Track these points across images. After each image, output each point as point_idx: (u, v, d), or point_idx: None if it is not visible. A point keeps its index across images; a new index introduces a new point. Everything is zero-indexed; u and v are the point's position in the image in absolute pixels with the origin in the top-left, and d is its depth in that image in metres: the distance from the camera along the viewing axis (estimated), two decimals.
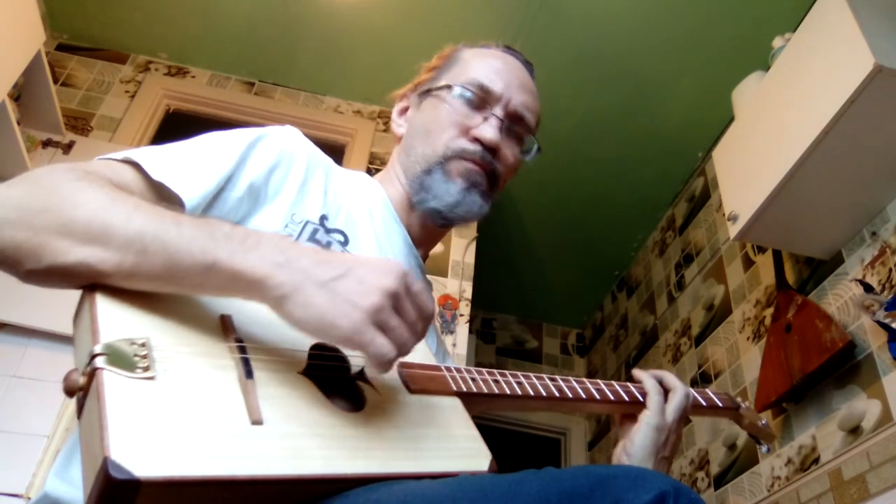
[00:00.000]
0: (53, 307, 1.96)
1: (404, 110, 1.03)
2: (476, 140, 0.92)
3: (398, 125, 1.02)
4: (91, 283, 0.58)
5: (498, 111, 0.93)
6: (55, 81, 2.58)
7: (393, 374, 0.69)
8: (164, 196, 0.71)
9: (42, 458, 1.91)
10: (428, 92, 0.98)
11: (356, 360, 0.67)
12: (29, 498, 1.86)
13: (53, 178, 0.61)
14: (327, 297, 0.56)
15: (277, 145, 0.84)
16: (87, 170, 0.65)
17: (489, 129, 0.91)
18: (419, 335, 0.60)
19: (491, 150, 0.92)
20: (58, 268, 0.57)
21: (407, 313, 0.58)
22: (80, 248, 0.56)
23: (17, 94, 2.32)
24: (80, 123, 2.65)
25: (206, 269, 0.56)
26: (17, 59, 2.07)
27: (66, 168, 0.63)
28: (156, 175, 0.71)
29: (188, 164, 0.75)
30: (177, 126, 2.85)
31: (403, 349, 0.58)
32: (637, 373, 0.93)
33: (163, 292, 0.59)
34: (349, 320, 0.55)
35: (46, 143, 2.49)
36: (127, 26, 2.82)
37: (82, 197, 0.59)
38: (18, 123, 2.18)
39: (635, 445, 0.86)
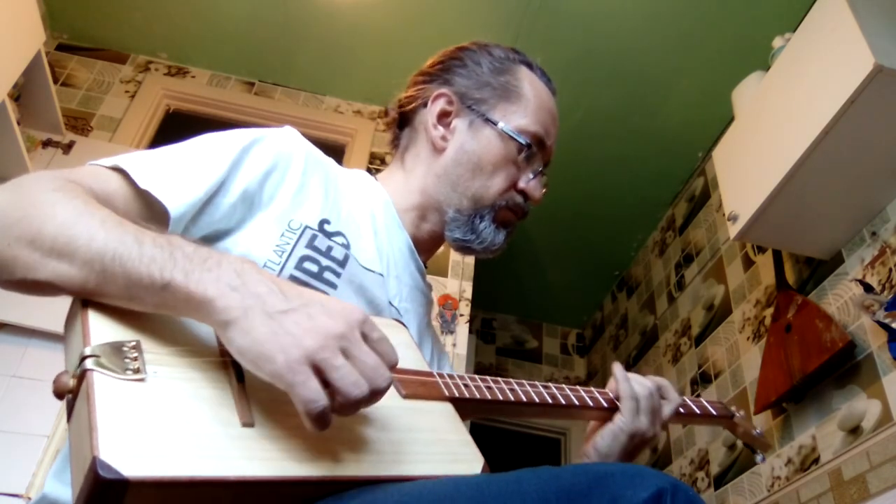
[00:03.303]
0: (53, 307, 1.95)
1: (446, 115, 0.96)
2: (523, 193, 0.96)
3: (440, 135, 0.96)
4: (65, 295, 0.59)
5: (542, 164, 0.98)
6: (55, 81, 2.58)
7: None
8: (150, 204, 0.71)
9: (42, 458, 1.91)
10: (484, 118, 0.95)
11: None
12: (29, 498, 1.86)
13: (35, 187, 0.62)
14: (271, 328, 0.52)
15: (274, 149, 0.82)
16: (70, 178, 0.65)
17: (539, 190, 0.96)
18: (372, 384, 0.53)
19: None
20: (29, 282, 0.58)
21: (358, 360, 0.53)
22: (47, 262, 0.57)
23: (17, 94, 2.32)
24: (80, 123, 2.65)
25: (161, 289, 0.55)
26: (17, 59, 2.07)
27: (50, 177, 0.64)
28: (142, 183, 0.70)
29: (177, 172, 0.73)
30: (177, 126, 2.84)
31: (346, 398, 0.52)
32: (617, 372, 0.89)
33: (132, 309, 0.58)
34: (285, 356, 0.51)
35: (46, 143, 2.49)
36: (127, 26, 2.82)
37: (51, 210, 0.59)
38: (18, 123, 2.18)
39: (604, 448, 0.85)
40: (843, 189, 1.86)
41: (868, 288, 1.78)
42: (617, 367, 0.90)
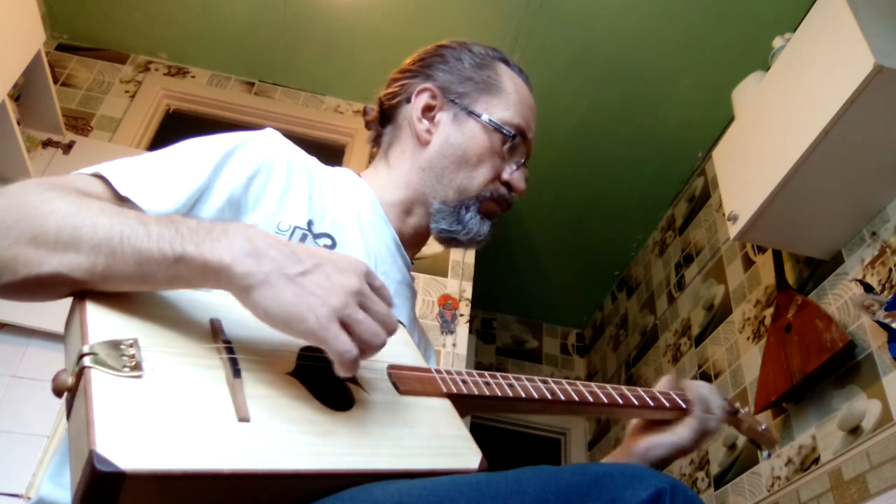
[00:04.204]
0: (53, 307, 1.95)
1: (429, 109, 0.98)
2: (507, 184, 0.97)
3: (426, 129, 0.97)
4: (68, 292, 0.59)
5: (524, 156, 0.98)
6: (55, 81, 2.58)
7: (382, 376, 0.69)
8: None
9: (42, 458, 1.91)
10: (467, 111, 0.96)
11: None
12: (29, 498, 1.86)
13: (23, 191, 0.62)
14: (295, 290, 0.56)
15: (257, 153, 0.82)
16: (56, 182, 0.66)
17: (522, 181, 0.98)
18: (388, 330, 0.59)
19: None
20: (33, 279, 0.58)
21: (373, 311, 0.59)
22: (53, 256, 0.57)
23: (17, 94, 2.32)
24: (80, 123, 2.66)
25: (175, 262, 0.56)
26: (17, 59, 2.07)
27: (37, 182, 0.64)
28: (122, 190, 0.70)
29: (158, 178, 0.74)
30: (177, 126, 2.85)
31: (369, 346, 0.58)
32: (683, 383, 0.92)
33: (141, 291, 0.60)
34: (315, 315, 0.55)
35: (46, 143, 2.49)
36: (127, 26, 2.82)
37: (49, 207, 0.60)
38: (18, 123, 2.18)
39: (654, 458, 0.88)
40: (843, 189, 1.86)
41: (868, 288, 1.78)
42: (718, 399, 0.92)
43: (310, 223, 0.83)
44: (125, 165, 0.74)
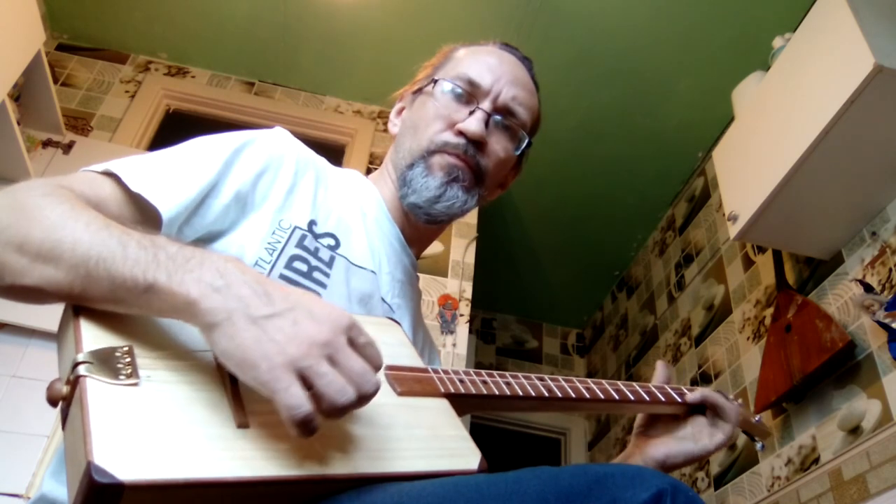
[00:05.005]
0: (53, 307, 1.96)
1: (401, 111, 1.02)
2: (460, 133, 0.89)
3: (393, 125, 1.01)
4: (54, 302, 0.58)
5: (485, 105, 0.91)
6: (55, 81, 2.58)
7: (380, 377, 0.69)
8: (142, 208, 0.71)
9: (42, 458, 1.91)
10: (420, 90, 0.98)
11: None
12: (29, 498, 1.86)
13: (25, 193, 0.62)
14: (255, 334, 0.52)
15: (266, 150, 0.82)
16: (61, 184, 0.65)
17: (473, 122, 0.89)
18: (362, 391, 0.53)
19: (476, 144, 0.90)
20: (18, 287, 0.58)
21: (344, 367, 0.53)
22: (34, 268, 0.57)
23: (17, 94, 2.32)
24: (80, 123, 2.65)
25: (145, 291, 0.54)
26: (17, 59, 2.07)
27: (41, 183, 0.64)
28: (134, 187, 0.70)
29: (168, 175, 0.74)
30: (177, 126, 2.85)
31: (330, 405, 0.51)
32: (697, 394, 0.93)
33: (122, 313, 0.58)
34: (268, 363, 0.50)
35: (46, 143, 2.49)
36: (127, 26, 2.82)
37: (40, 214, 0.59)
38: (18, 123, 2.18)
39: (667, 463, 0.89)
40: (843, 189, 1.86)
41: (868, 288, 1.78)
42: (736, 408, 0.93)
43: (312, 223, 0.83)
44: (135, 162, 0.74)
